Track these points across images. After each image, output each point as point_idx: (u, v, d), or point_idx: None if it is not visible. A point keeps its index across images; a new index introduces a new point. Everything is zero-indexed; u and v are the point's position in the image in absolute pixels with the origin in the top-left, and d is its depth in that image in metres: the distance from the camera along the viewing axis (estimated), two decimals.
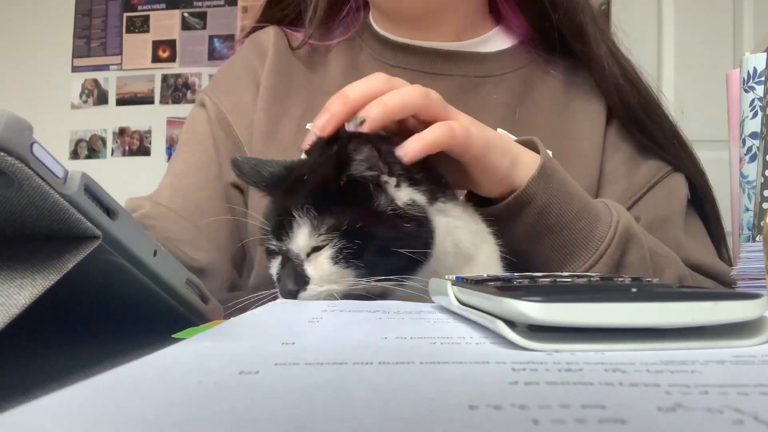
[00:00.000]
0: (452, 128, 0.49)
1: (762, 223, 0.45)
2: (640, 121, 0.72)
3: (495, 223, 0.53)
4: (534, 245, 0.55)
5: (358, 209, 0.45)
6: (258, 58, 0.78)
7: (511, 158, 0.53)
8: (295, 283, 0.45)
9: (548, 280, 0.35)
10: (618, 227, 0.55)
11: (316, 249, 0.45)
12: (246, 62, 0.79)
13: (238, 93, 0.76)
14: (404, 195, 0.46)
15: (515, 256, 0.55)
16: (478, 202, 0.55)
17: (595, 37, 0.72)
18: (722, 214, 0.75)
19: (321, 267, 0.45)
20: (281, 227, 0.46)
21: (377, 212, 0.45)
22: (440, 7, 0.73)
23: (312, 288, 0.45)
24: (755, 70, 0.61)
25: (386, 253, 0.44)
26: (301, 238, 0.45)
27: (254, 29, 0.82)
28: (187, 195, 0.70)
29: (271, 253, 0.49)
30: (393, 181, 0.46)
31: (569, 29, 0.72)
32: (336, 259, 0.44)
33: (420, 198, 0.47)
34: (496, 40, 0.78)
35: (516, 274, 0.39)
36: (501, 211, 0.53)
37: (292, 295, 0.45)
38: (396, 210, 0.45)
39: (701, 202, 0.74)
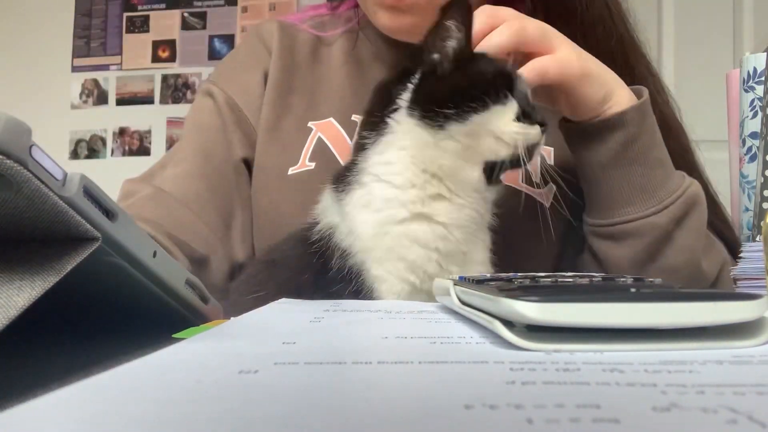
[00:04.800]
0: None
1: (762, 223, 0.45)
2: None
3: (581, 141, 0.59)
4: (610, 173, 0.58)
5: None
6: (264, 49, 0.78)
7: (607, 91, 0.57)
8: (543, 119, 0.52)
9: (549, 280, 0.35)
10: (687, 190, 0.59)
11: None
12: (250, 51, 0.79)
13: (245, 78, 0.76)
14: None
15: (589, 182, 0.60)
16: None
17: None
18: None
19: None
20: None
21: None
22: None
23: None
24: (755, 70, 0.61)
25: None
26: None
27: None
28: (185, 183, 0.70)
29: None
30: None
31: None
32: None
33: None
34: None
35: (518, 274, 0.39)
36: (593, 128, 0.58)
37: (542, 126, 0.52)
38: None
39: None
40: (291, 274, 0.51)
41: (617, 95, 0.57)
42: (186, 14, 2.73)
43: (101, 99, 2.75)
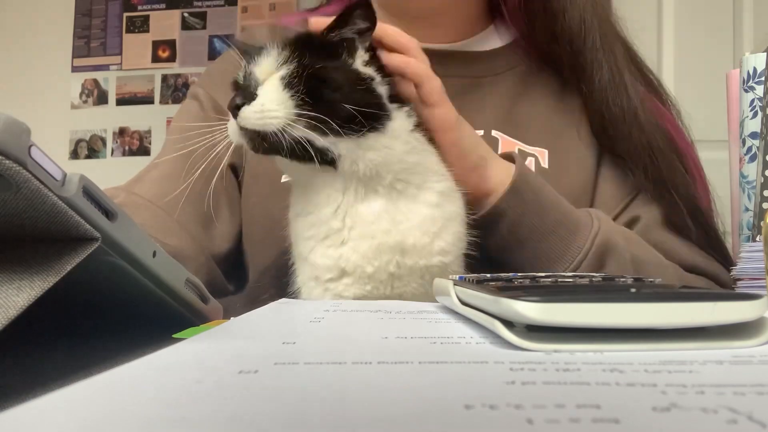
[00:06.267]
0: (429, 86, 0.52)
1: (762, 223, 0.45)
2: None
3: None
4: (509, 256, 0.56)
5: (325, 58, 0.47)
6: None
7: (482, 154, 0.55)
8: (243, 97, 0.46)
9: (550, 280, 0.35)
10: (596, 240, 0.56)
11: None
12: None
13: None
14: (368, 71, 0.49)
15: (494, 265, 0.55)
16: None
17: (600, 74, 0.69)
18: (722, 214, 0.73)
19: (270, 86, 0.46)
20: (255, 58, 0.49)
21: (340, 66, 0.48)
22: (445, 8, 0.73)
23: (255, 104, 0.46)
24: (755, 70, 0.61)
25: (328, 97, 0.46)
26: (267, 61, 0.48)
27: None
28: (164, 184, 0.70)
29: (236, 86, 0.51)
30: (366, 56, 0.49)
31: (571, 59, 0.71)
32: (285, 81, 0.46)
33: (381, 87, 0.49)
34: (491, 38, 0.77)
35: (519, 274, 0.39)
36: (475, 223, 0.54)
37: (237, 108, 0.46)
38: (356, 74, 0.48)
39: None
40: None
41: (495, 164, 0.56)
42: (186, 14, 2.73)
43: (101, 99, 2.75)
